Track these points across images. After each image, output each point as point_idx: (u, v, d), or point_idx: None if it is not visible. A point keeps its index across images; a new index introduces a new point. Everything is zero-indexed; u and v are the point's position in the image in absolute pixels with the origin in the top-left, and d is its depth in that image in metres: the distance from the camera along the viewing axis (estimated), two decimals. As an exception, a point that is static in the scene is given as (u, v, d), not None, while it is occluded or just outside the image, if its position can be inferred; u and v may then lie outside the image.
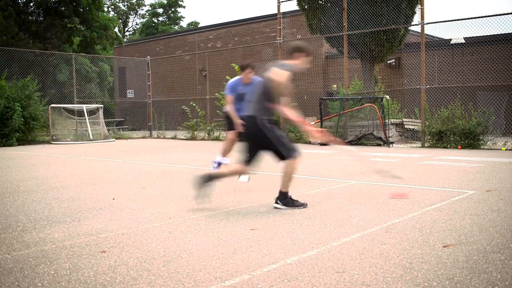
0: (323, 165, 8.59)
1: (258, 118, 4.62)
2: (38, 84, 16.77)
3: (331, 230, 3.84)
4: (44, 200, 5.39)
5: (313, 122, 14.40)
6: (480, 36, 14.84)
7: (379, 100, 13.12)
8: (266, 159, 4.86)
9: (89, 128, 17.67)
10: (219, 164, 7.54)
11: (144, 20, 54.40)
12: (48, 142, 16.31)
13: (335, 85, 18.31)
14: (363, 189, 5.83)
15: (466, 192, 5.48)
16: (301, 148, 5.09)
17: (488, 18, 11.92)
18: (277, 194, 4.78)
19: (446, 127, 12.03)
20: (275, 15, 17.47)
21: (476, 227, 3.85)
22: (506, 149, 11.27)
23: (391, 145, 12.79)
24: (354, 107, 14.13)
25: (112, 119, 25.81)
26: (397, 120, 14.53)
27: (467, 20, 12.32)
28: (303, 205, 4.73)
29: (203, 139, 17.46)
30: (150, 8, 52.56)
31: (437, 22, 12.85)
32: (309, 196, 5.39)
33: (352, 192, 5.66)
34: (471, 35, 13.68)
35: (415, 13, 14.22)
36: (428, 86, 13.07)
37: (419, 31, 12.93)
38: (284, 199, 4.72)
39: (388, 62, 20.10)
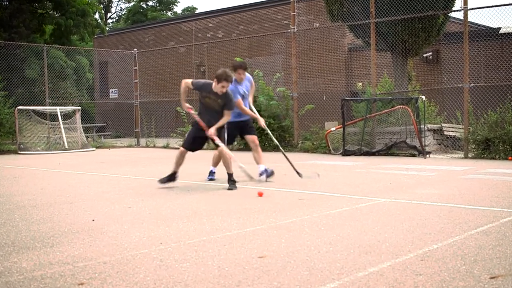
0: (346, 180, 8.59)
1: None
2: (2, 82, 16.87)
3: (356, 257, 3.84)
4: (9, 222, 5.42)
5: (334, 128, 14.41)
6: (535, 24, 14.81)
7: (414, 101, 13.11)
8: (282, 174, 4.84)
9: (63, 135, 17.74)
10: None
11: (130, 4, 54.77)
12: (15, 152, 16.38)
13: (360, 84, 18.31)
14: (394, 209, 5.82)
15: (519, 213, 5.47)
16: (320, 159, 5.09)
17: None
18: (292, 215, 4.77)
19: (494, 134, 11.99)
20: (287, -1, 17.50)
21: (531, 255, 3.84)
22: None
23: (427, 155, 12.76)
24: (383, 109, 14.12)
25: (92, 124, 25.93)
26: (435, 125, 14.51)
27: (520, 5, 12.33)
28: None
29: (200, 148, 17.46)
30: (137, -9, 52.92)
31: (484, 7, 12.85)
32: (329, 216, 5.39)
33: (380, 212, 5.66)
34: (525, 23, 13.65)
35: (457, -4, 14.23)
36: (472, 85, 13.05)
37: (462, 18, 12.93)
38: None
39: (425, 55, 20.10)
